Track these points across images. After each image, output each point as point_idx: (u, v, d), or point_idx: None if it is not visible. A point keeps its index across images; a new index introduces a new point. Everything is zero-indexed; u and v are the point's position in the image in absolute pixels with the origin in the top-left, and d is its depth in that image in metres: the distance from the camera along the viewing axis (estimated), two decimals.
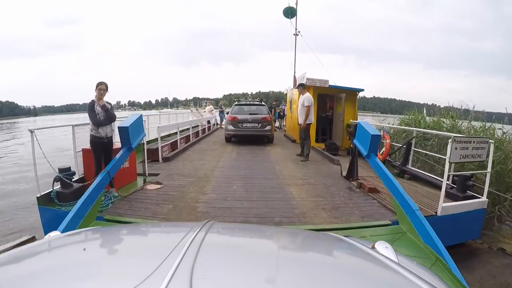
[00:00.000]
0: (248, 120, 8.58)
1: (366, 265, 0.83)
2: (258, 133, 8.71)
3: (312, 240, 1.07)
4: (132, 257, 0.77)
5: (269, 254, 0.85)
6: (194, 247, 0.70)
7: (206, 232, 0.82)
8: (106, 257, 0.83)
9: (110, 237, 1.00)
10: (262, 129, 8.66)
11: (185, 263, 0.61)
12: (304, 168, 5.82)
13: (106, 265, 0.71)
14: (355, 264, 0.85)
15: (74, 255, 0.80)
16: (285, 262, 0.77)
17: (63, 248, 0.88)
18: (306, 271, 0.72)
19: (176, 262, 0.60)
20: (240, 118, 8.65)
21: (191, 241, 0.73)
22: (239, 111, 9.05)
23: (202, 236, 0.79)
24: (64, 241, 0.93)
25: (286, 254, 0.91)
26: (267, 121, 8.72)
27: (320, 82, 8.47)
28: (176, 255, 0.64)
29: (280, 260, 0.79)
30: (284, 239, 1.06)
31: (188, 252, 0.66)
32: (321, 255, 0.95)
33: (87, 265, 0.70)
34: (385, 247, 0.94)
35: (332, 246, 1.00)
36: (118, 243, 0.96)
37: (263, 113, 8.92)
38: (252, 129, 8.62)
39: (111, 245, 0.94)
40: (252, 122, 8.60)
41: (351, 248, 0.95)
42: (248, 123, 8.60)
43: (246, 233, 1.09)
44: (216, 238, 0.89)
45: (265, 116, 8.78)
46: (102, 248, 0.94)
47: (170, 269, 0.57)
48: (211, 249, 0.76)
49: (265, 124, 8.69)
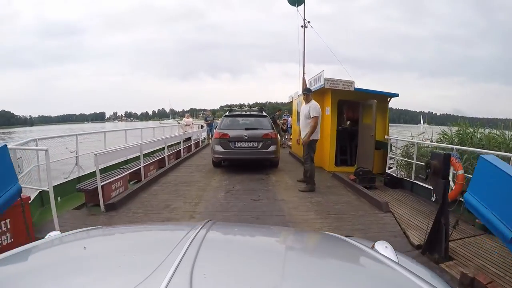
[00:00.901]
0: (244, 138, 6.02)
1: (366, 265, 0.85)
2: (258, 156, 6.13)
3: (312, 240, 1.11)
4: (132, 257, 0.75)
5: (269, 254, 0.87)
6: (194, 247, 0.69)
7: (206, 232, 0.82)
8: (106, 257, 0.79)
9: (110, 237, 1.03)
10: (264, 151, 6.06)
11: (185, 262, 0.60)
12: (338, 221, 3.47)
13: (106, 265, 0.70)
14: (355, 264, 0.87)
15: (74, 255, 0.80)
16: (285, 262, 0.78)
17: (63, 248, 0.89)
18: (306, 270, 0.71)
19: (176, 262, 0.59)
20: (232, 135, 6.06)
21: (191, 241, 0.72)
22: (231, 125, 6.45)
23: (202, 235, 0.79)
24: (64, 241, 0.93)
25: (286, 254, 0.92)
26: (271, 138, 6.15)
27: (343, 84, 6.16)
28: (176, 254, 0.64)
29: (280, 259, 0.81)
30: (284, 239, 1.07)
31: (188, 251, 0.66)
32: (321, 255, 0.95)
33: (87, 265, 0.70)
34: (385, 247, 0.93)
35: (332, 246, 1.01)
36: (118, 243, 0.95)
37: (265, 128, 6.34)
38: (249, 151, 6.05)
39: (111, 245, 0.94)
40: (250, 140, 6.04)
41: (351, 248, 0.94)
42: (243, 143, 6.03)
43: (246, 233, 1.08)
44: (216, 237, 0.89)
45: (267, 132, 6.22)
46: (102, 248, 0.90)
47: (170, 268, 0.56)
48: (211, 249, 0.76)
49: (268, 143, 6.10)
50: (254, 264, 0.74)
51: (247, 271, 0.68)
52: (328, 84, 6.02)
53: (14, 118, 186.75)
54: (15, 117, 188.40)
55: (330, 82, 6.04)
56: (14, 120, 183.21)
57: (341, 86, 6.15)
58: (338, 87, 6.13)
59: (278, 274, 0.67)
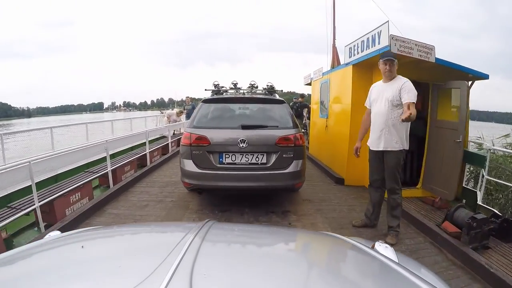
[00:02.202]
0: (240, 145, 3.03)
1: (366, 265, 0.84)
2: (266, 184, 3.09)
3: (312, 240, 1.08)
4: (132, 257, 0.75)
5: (269, 254, 0.86)
6: (194, 247, 0.68)
7: (206, 232, 0.82)
8: (106, 257, 0.79)
9: (110, 237, 1.01)
10: (280, 172, 3.06)
11: (185, 262, 0.59)
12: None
13: (106, 265, 0.70)
14: (355, 264, 0.86)
15: (74, 255, 0.79)
16: (285, 262, 0.78)
17: (63, 248, 0.87)
18: (306, 270, 0.72)
19: (176, 262, 0.59)
20: (216, 139, 3.09)
21: (191, 241, 0.71)
22: (216, 119, 3.40)
23: (202, 235, 0.78)
24: (64, 241, 0.92)
25: (286, 254, 0.92)
26: (294, 147, 3.12)
27: (419, 49, 3.47)
28: (176, 254, 0.63)
29: (280, 259, 0.80)
30: (284, 239, 1.03)
31: (188, 251, 0.65)
32: (321, 255, 0.94)
33: (87, 265, 0.69)
34: (385, 247, 0.93)
35: (332, 246, 0.99)
36: (118, 243, 0.95)
37: (283, 125, 3.25)
38: (249, 173, 3.08)
39: (111, 245, 0.93)
40: (252, 151, 3.06)
41: (351, 248, 0.93)
42: (238, 155, 3.07)
43: (246, 233, 1.07)
44: (216, 237, 0.87)
45: (287, 133, 3.14)
46: (102, 248, 0.89)
47: (170, 268, 0.56)
48: (211, 249, 0.76)
49: (289, 156, 3.09)
50: (254, 264, 0.73)
51: (247, 271, 0.67)
52: (397, 47, 3.33)
53: (11, 110, 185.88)
54: (12, 109, 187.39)
55: (400, 44, 3.35)
56: (12, 112, 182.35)
57: (417, 52, 3.46)
58: (412, 54, 3.45)
59: (278, 274, 0.66)
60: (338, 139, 4.72)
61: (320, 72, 5.80)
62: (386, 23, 3.42)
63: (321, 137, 5.49)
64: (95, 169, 4.69)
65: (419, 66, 3.92)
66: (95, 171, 4.47)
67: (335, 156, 4.88)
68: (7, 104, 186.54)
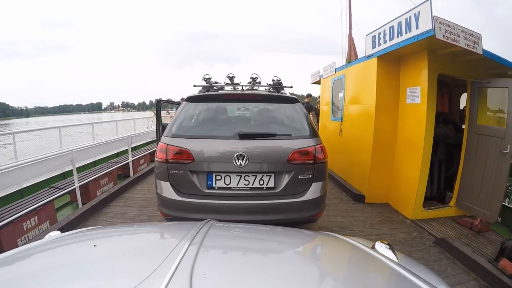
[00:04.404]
0: (237, 161, 2.11)
1: (366, 265, 0.83)
2: (274, 216, 2.15)
3: (312, 240, 1.07)
4: (132, 257, 0.74)
5: (269, 254, 0.86)
6: (194, 247, 0.67)
7: (206, 232, 0.81)
8: (106, 257, 0.77)
9: (110, 237, 0.99)
10: (292, 201, 2.15)
11: (185, 262, 0.59)
12: None
13: (106, 265, 0.69)
14: (355, 264, 0.85)
15: (73, 255, 0.79)
16: (285, 262, 0.77)
17: (63, 248, 0.86)
18: (306, 270, 0.71)
19: (176, 262, 0.58)
20: (203, 154, 2.16)
21: (191, 241, 0.71)
22: (205, 125, 2.51)
23: (202, 235, 0.77)
24: (64, 241, 0.91)
25: (286, 253, 0.90)
26: (313, 165, 2.18)
27: (466, 37, 2.68)
28: (176, 254, 0.62)
29: (280, 259, 0.79)
30: (284, 239, 1.03)
31: (188, 251, 0.64)
32: (321, 255, 0.94)
33: (87, 265, 0.68)
34: (385, 247, 0.90)
35: (332, 246, 0.99)
36: (118, 243, 0.93)
37: (297, 134, 2.30)
38: (249, 203, 2.13)
39: (111, 245, 0.92)
40: (253, 171, 2.14)
41: (352, 248, 0.92)
42: (234, 176, 2.15)
43: (246, 233, 1.05)
44: (216, 237, 0.85)
45: (304, 144, 2.20)
46: (102, 248, 0.86)
47: (170, 268, 0.55)
48: (211, 249, 0.75)
49: (306, 177, 2.17)
50: (254, 264, 0.73)
51: (247, 271, 0.67)
52: (443, 32, 2.55)
53: (9, 110, 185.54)
54: (10, 109, 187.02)
55: (445, 29, 2.56)
56: (10, 111, 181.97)
57: (463, 41, 2.67)
58: (458, 43, 2.66)
59: (278, 274, 0.65)
60: (358, 147, 3.92)
61: (332, 68, 5.00)
62: (428, 1, 2.63)
63: (334, 143, 4.70)
64: (66, 182, 3.91)
65: (457, 60, 3.16)
66: (62, 186, 3.67)
67: (354, 167, 4.08)
68: (5, 104, 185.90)
